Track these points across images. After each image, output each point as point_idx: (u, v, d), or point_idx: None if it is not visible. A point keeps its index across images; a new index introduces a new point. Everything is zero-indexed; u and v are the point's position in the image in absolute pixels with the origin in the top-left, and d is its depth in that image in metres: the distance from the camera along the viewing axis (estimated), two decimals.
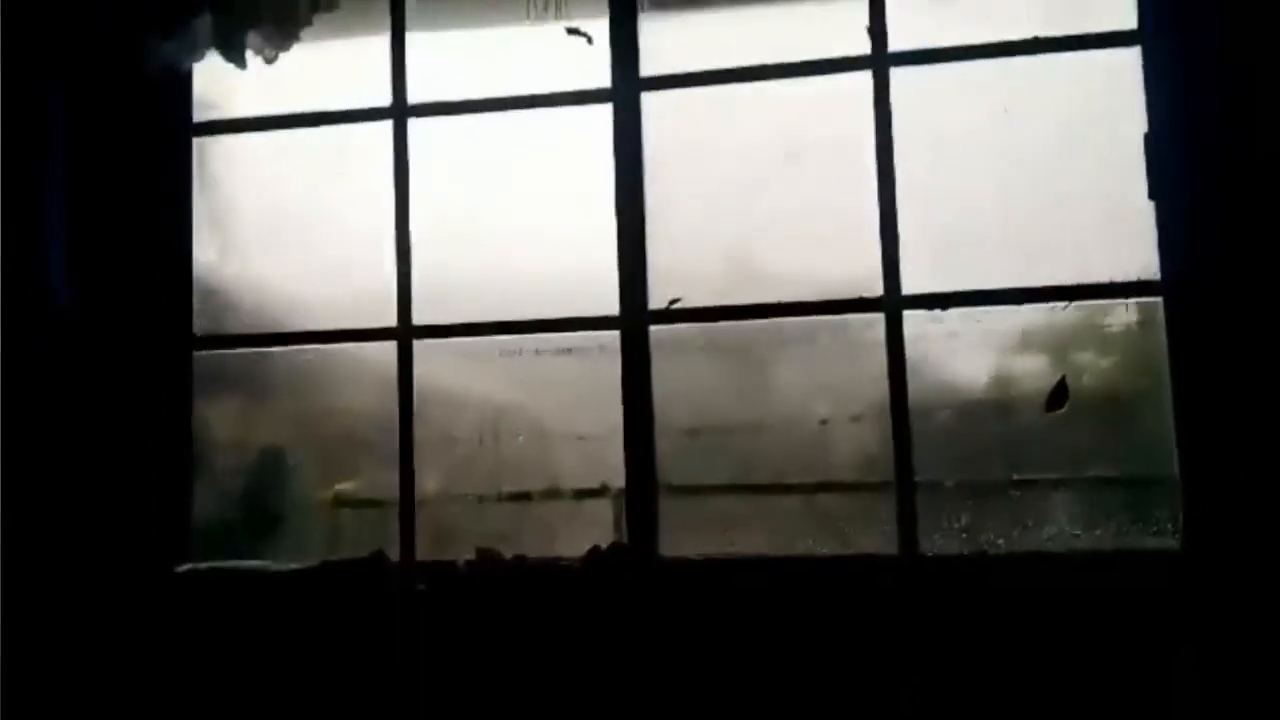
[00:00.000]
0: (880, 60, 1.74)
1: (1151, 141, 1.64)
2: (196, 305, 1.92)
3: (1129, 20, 1.68)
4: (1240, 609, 1.51)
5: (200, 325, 1.92)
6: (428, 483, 1.84)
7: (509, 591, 1.70)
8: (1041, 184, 1.71)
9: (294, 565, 1.79)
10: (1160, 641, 1.53)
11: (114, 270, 1.87)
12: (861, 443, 1.75)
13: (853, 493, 1.75)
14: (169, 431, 1.86)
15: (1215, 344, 1.57)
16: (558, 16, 1.90)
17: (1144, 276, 1.65)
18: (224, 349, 1.93)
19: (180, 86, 1.92)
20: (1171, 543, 1.60)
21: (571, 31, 1.87)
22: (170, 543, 1.84)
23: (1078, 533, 1.66)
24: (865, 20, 1.76)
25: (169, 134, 1.91)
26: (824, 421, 1.77)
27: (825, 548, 1.70)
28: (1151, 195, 1.63)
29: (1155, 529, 1.64)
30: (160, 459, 1.85)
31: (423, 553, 1.79)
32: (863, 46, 1.76)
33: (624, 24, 1.83)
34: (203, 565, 1.83)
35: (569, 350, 1.85)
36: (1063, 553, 1.64)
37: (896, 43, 1.75)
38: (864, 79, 1.75)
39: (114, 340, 1.85)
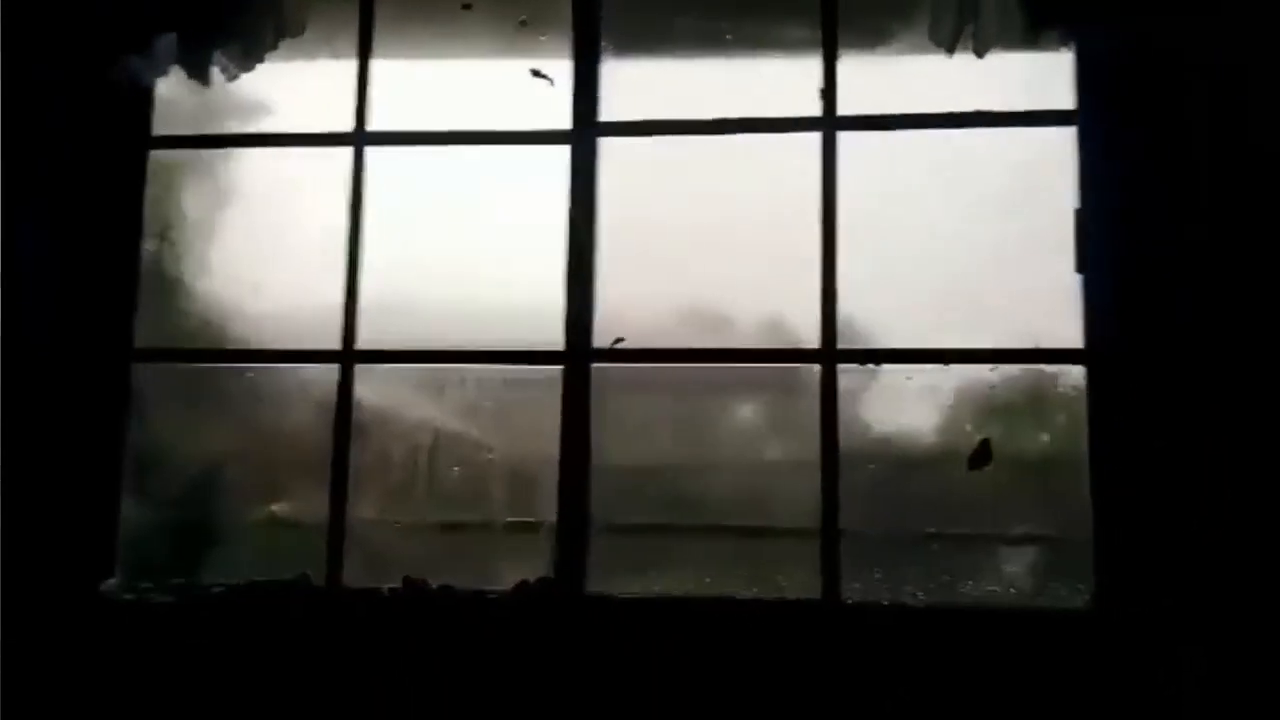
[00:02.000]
0: (829, 123, 1.80)
1: (1082, 217, 1.71)
2: (140, 316, 1.91)
3: (1068, 100, 1.76)
4: (1148, 670, 1.56)
5: (141, 337, 1.90)
6: (361, 507, 1.83)
7: (434, 621, 1.70)
8: (977, 250, 1.78)
9: (218, 585, 1.77)
10: (1071, 698, 1.57)
11: (59, 278, 1.85)
12: (792, 489, 1.77)
13: (781, 538, 1.78)
14: (101, 444, 1.84)
15: (1133, 413, 1.64)
16: (523, 53, 1.95)
17: (1069, 344, 1.71)
18: (164, 362, 1.92)
19: (141, 100, 1.92)
20: (1082, 603, 1.65)
21: (535, 74, 1.92)
22: (96, 558, 1.81)
23: (994, 588, 1.70)
24: (818, 77, 1.82)
25: (127, 146, 1.91)
26: (758, 466, 1.80)
27: (753, 590, 1.72)
28: (1079, 268, 1.71)
29: (1068, 588, 1.68)
30: (90, 472, 1.83)
31: (353, 578, 1.79)
32: (813, 103, 1.82)
33: (586, 68, 1.88)
34: (127, 583, 1.80)
35: (512, 381, 1.87)
36: (978, 608, 1.68)
37: (845, 104, 1.81)
38: (813, 138, 1.80)
39: (51, 348, 1.83)
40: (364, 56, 1.93)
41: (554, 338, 1.81)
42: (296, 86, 1.98)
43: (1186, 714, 1.53)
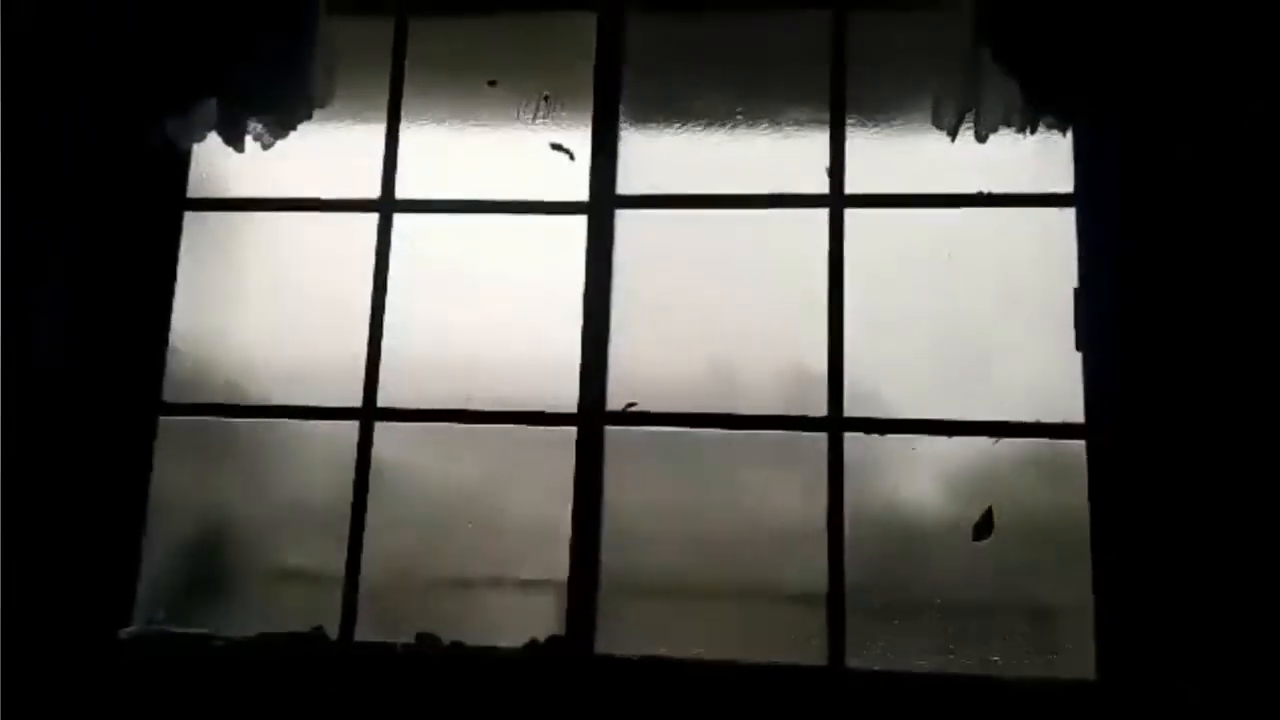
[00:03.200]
0: (837, 200, 1.87)
1: (1081, 296, 1.78)
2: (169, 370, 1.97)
3: (1067, 184, 1.83)
4: None
5: (169, 391, 1.96)
6: (376, 562, 1.87)
7: (445, 677, 1.73)
8: (981, 325, 1.84)
9: (234, 636, 1.81)
10: None
11: (92, 334, 1.92)
12: (799, 554, 1.80)
13: (788, 603, 1.81)
14: (126, 494, 1.89)
15: (1132, 487, 1.68)
16: (545, 124, 2.03)
17: (1069, 419, 1.76)
18: (190, 416, 1.97)
19: (178, 164, 2.01)
20: (1087, 673, 1.67)
21: (555, 147, 2.00)
22: (116, 606, 1.85)
23: (996, 658, 1.73)
24: (825, 153, 1.89)
25: (162, 208, 1.99)
26: (766, 530, 1.84)
27: (760, 655, 1.74)
28: (1079, 346, 1.76)
29: (1071, 658, 1.70)
30: (114, 522, 1.87)
31: (365, 632, 1.82)
32: (821, 178, 1.89)
33: (605, 142, 1.95)
34: (146, 630, 1.84)
35: (527, 441, 1.91)
36: (981, 676, 1.70)
37: (852, 180, 1.88)
38: (821, 214, 1.88)
39: (83, 401, 1.89)
40: (393, 128, 2.01)
41: (569, 395, 1.87)
42: (327, 152, 2.06)
43: None
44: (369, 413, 1.92)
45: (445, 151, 2.06)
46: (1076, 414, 1.75)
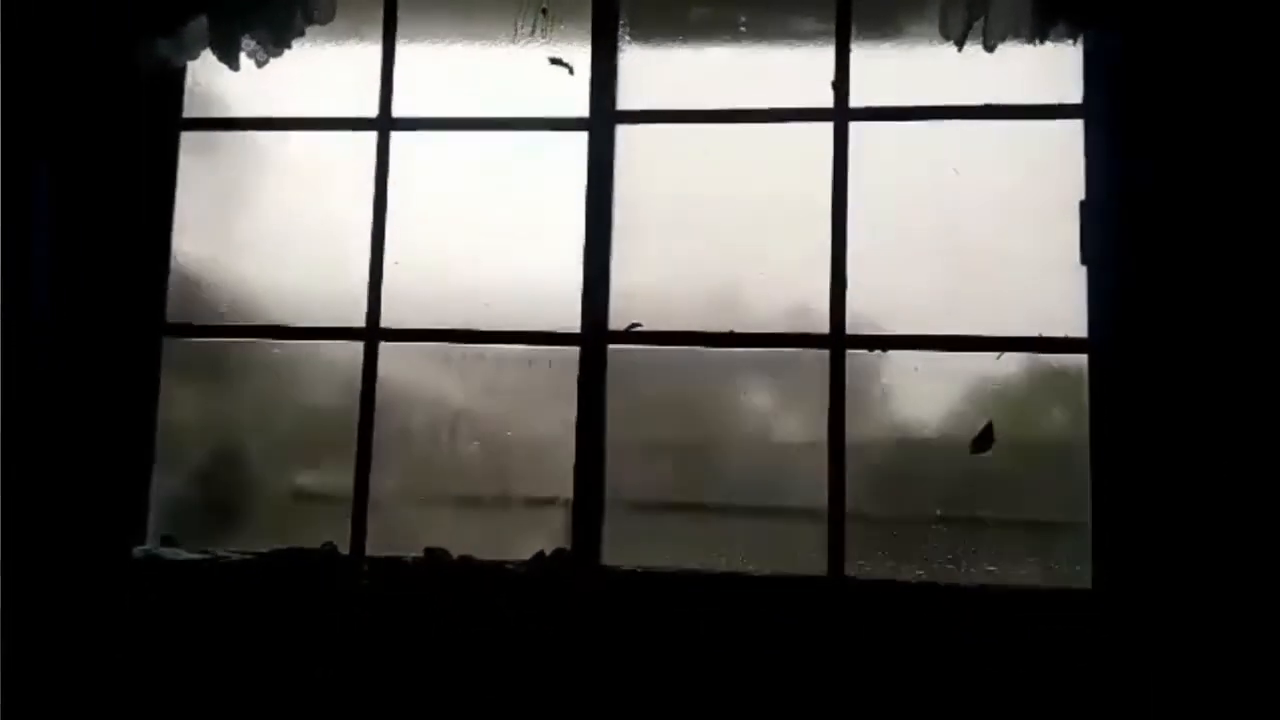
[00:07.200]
0: (841, 114, 1.84)
1: (1087, 209, 1.76)
2: (171, 292, 1.97)
3: (1075, 94, 1.80)
4: (1148, 647, 1.62)
5: (172, 312, 1.97)
6: (384, 481, 1.90)
7: (454, 590, 1.77)
8: (984, 240, 1.83)
9: (246, 552, 1.85)
10: (1069, 673, 1.63)
11: (94, 255, 1.91)
12: (802, 469, 1.82)
13: (790, 517, 1.84)
14: (134, 415, 1.91)
15: (1132, 401, 1.69)
16: (543, 39, 1.99)
17: (1072, 334, 1.76)
18: (194, 337, 1.98)
19: (172, 82, 1.98)
20: (1083, 583, 1.71)
21: (554, 61, 1.96)
22: (128, 525, 1.89)
23: (993, 568, 1.76)
24: (830, 67, 1.86)
25: (158, 128, 1.97)
26: (769, 447, 1.86)
27: (761, 566, 1.78)
28: (1084, 260, 1.75)
29: (1069, 568, 1.73)
30: (124, 441, 1.90)
31: (374, 548, 1.86)
32: (825, 92, 1.86)
33: (604, 56, 1.92)
34: (158, 548, 1.88)
35: (530, 361, 1.92)
36: (978, 585, 1.73)
37: (857, 94, 1.85)
38: (825, 128, 1.85)
39: (87, 324, 1.90)
40: (389, 44, 1.97)
41: (572, 314, 1.87)
42: (322, 70, 2.02)
43: (1182, 691, 1.59)
44: (373, 333, 1.92)
45: (442, 68, 2.02)
46: (1080, 328, 1.75)
